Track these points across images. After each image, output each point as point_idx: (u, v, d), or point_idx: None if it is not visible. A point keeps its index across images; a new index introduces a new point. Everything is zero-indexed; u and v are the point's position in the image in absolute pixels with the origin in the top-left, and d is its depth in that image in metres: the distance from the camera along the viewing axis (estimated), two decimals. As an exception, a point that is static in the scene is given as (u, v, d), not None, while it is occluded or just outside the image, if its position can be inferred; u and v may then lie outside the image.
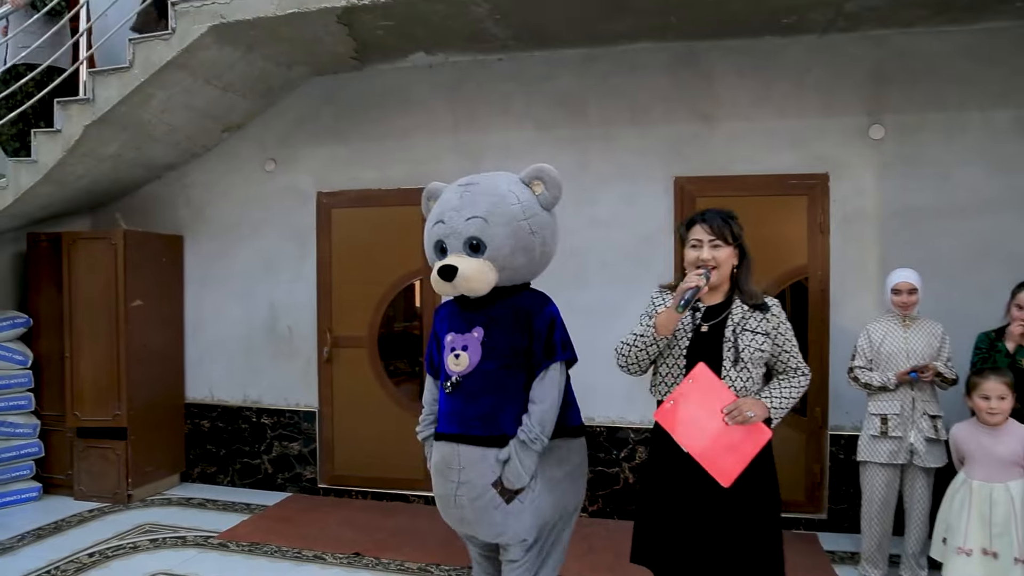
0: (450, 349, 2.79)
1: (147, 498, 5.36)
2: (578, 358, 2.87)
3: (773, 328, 2.56)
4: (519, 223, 2.71)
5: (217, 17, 4.34)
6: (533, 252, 2.77)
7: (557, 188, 2.81)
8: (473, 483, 2.69)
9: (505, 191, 2.75)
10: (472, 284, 2.68)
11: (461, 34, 4.66)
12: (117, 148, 5.02)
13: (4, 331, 5.24)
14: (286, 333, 5.56)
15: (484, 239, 2.68)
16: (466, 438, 2.71)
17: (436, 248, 2.80)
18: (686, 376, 2.53)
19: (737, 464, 2.44)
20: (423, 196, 3.03)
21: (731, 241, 2.58)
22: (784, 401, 2.56)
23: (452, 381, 2.75)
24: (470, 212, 2.70)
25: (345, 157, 5.41)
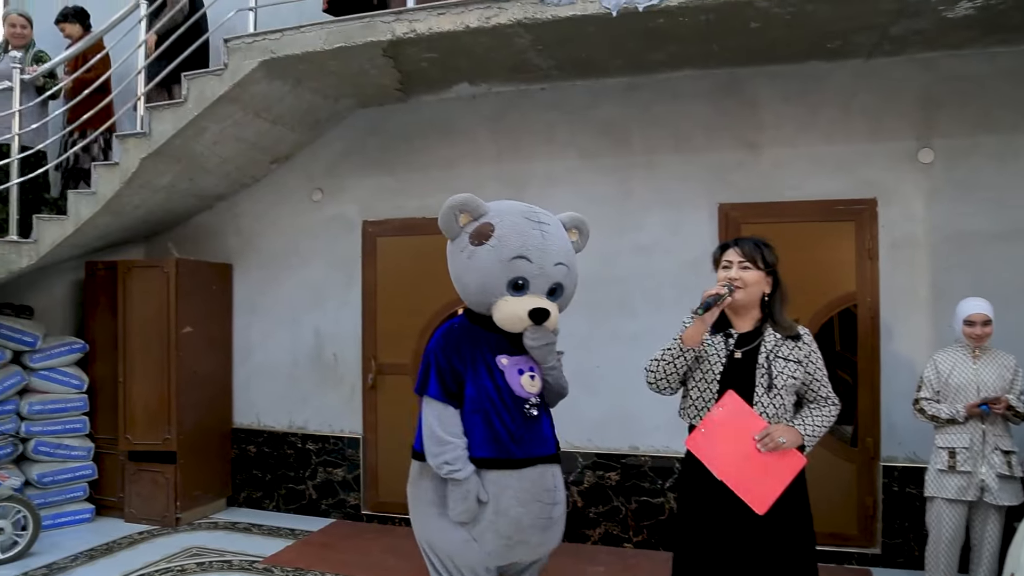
0: (517, 371, 2.75)
1: (194, 522, 5.44)
2: None
3: (805, 356, 2.57)
4: (575, 272, 2.89)
5: (267, 52, 4.48)
6: (573, 290, 2.93)
7: (586, 240, 3.03)
8: (562, 501, 2.84)
9: (566, 238, 2.90)
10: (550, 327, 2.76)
11: (504, 65, 4.73)
12: (171, 179, 5.18)
13: (62, 356, 5.41)
14: (331, 360, 5.63)
15: (565, 286, 2.81)
16: (551, 458, 2.81)
17: (511, 283, 2.70)
18: (716, 403, 2.53)
19: (772, 491, 2.41)
20: (451, 206, 2.81)
21: (761, 266, 2.60)
22: (816, 429, 2.55)
23: (533, 402, 2.77)
24: (556, 257, 2.75)
25: (390, 187, 5.50)
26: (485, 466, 2.68)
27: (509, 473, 2.68)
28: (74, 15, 5.71)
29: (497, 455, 2.68)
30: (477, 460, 2.68)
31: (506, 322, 2.70)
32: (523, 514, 2.67)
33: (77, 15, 5.73)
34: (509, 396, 2.71)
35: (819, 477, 2.68)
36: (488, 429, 2.69)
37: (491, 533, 2.67)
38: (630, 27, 3.99)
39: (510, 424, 2.69)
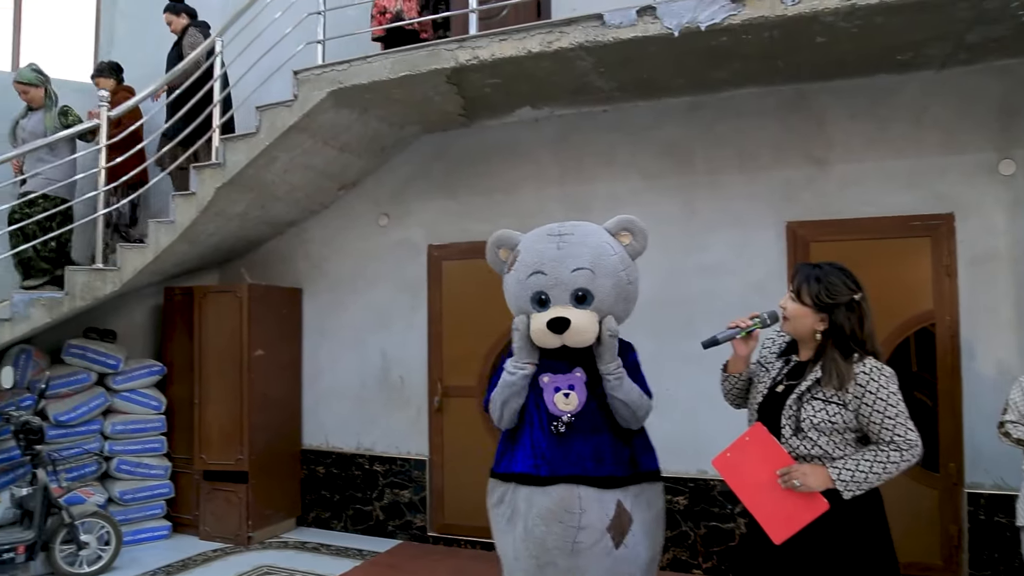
0: (553, 389, 2.77)
1: (265, 540, 5.55)
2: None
3: (854, 398, 2.30)
4: (619, 274, 2.78)
5: (335, 83, 4.61)
6: (630, 301, 2.87)
7: (644, 238, 2.89)
8: (593, 527, 2.64)
9: (601, 242, 2.81)
10: (583, 336, 2.71)
11: (566, 88, 4.76)
12: (244, 207, 5.36)
13: (142, 378, 5.64)
14: (398, 383, 5.70)
15: (592, 290, 2.73)
16: (584, 479, 2.68)
17: (534, 299, 2.79)
18: (745, 432, 2.46)
19: (789, 526, 2.32)
20: (490, 244, 3.03)
21: (807, 301, 2.39)
22: (861, 475, 2.26)
23: (564, 421, 2.73)
24: (575, 263, 2.73)
25: (455, 211, 5.57)
26: (519, 481, 2.77)
27: (536, 490, 2.73)
28: (109, 70, 5.98)
29: (528, 471, 2.75)
30: (514, 475, 2.79)
31: (535, 338, 2.76)
32: (546, 534, 2.67)
33: (112, 69, 5.99)
34: (544, 413, 2.77)
35: (898, 503, 2.55)
36: (526, 445, 2.79)
37: (523, 551, 2.73)
38: (692, 46, 3.98)
39: (540, 441, 2.76)
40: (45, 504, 4.44)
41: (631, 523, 2.70)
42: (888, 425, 2.29)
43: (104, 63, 5.95)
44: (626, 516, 2.71)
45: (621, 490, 2.73)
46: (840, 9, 3.51)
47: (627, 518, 2.71)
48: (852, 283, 2.40)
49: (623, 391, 2.72)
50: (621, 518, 2.69)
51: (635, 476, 2.79)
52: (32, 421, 4.56)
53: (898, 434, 2.28)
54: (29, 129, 5.53)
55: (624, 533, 2.67)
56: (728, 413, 2.76)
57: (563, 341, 2.71)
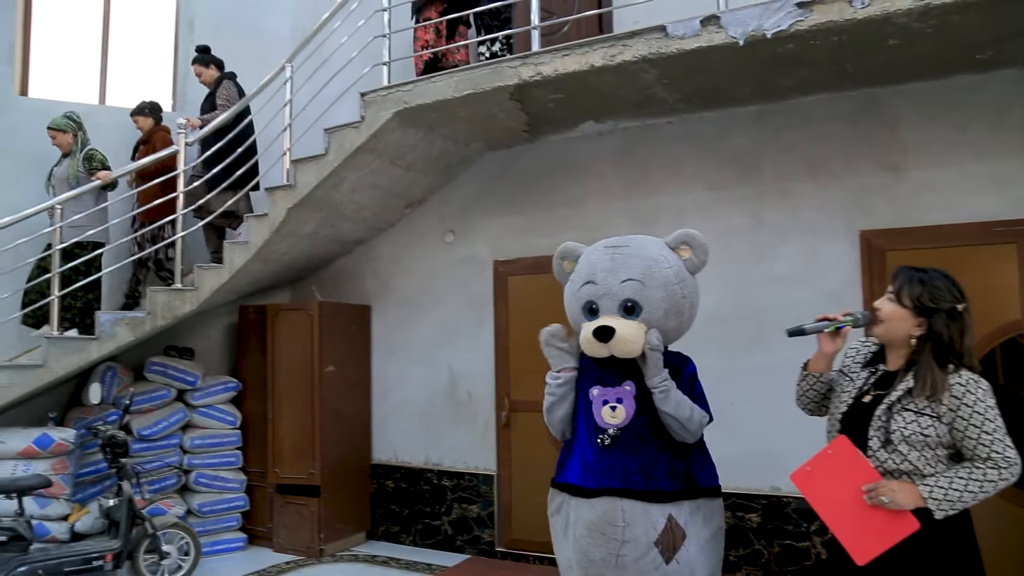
0: (601, 402, 2.77)
1: (337, 553, 5.63)
2: (713, 418, 2.88)
3: (949, 411, 2.18)
4: (672, 287, 2.77)
5: (401, 103, 4.71)
6: (683, 315, 2.84)
7: (704, 253, 2.87)
8: (638, 541, 2.62)
9: (656, 255, 2.80)
10: (629, 346, 2.70)
11: (630, 101, 4.74)
12: (314, 227, 5.50)
13: (219, 394, 5.82)
14: (465, 397, 5.73)
15: (640, 301, 2.73)
16: (629, 492, 2.66)
17: (585, 309, 2.84)
18: (828, 445, 2.35)
19: (874, 546, 2.18)
20: (556, 256, 3.09)
21: (907, 303, 2.30)
22: (955, 493, 2.14)
23: (610, 434, 2.73)
24: (625, 274, 2.75)
25: (520, 226, 5.60)
26: (570, 492, 2.80)
27: (582, 502, 2.73)
28: (149, 109, 6.14)
29: (577, 482, 2.78)
30: (566, 486, 2.82)
31: (584, 347, 2.78)
32: (591, 546, 2.67)
33: (151, 109, 6.15)
34: (593, 426, 2.78)
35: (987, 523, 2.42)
36: (577, 456, 2.82)
37: (574, 561, 2.75)
38: (758, 54, 3.92)
39: (588, 453, 2.77)
40: (130, 515, 4.61)
41: (684, 539, 2.66)
42: (985, 441, 2.16)
43: (144, 103, 6.13)
44: (678, 531, 2.66)
45: (673, 505, 2.68)
46: (913, 9, 3.41)
47: (679, 533, 2.66)
48: (957, 291, 2.30)
49: (670, 405, 2.69)
50: (672, 533, 2.65)
51: (691, 491, 2.75)
52: (118, 435, 4.75)
53: (996, 451, 2.15)
54: (58, 176, 5.66)
55: (675, 549, 2.63)
56: (802, 428, 2.68)
57: (609, 350, 2.72)
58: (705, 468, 2.85)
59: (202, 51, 6.10)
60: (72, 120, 5.68)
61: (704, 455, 2.88)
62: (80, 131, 5.70)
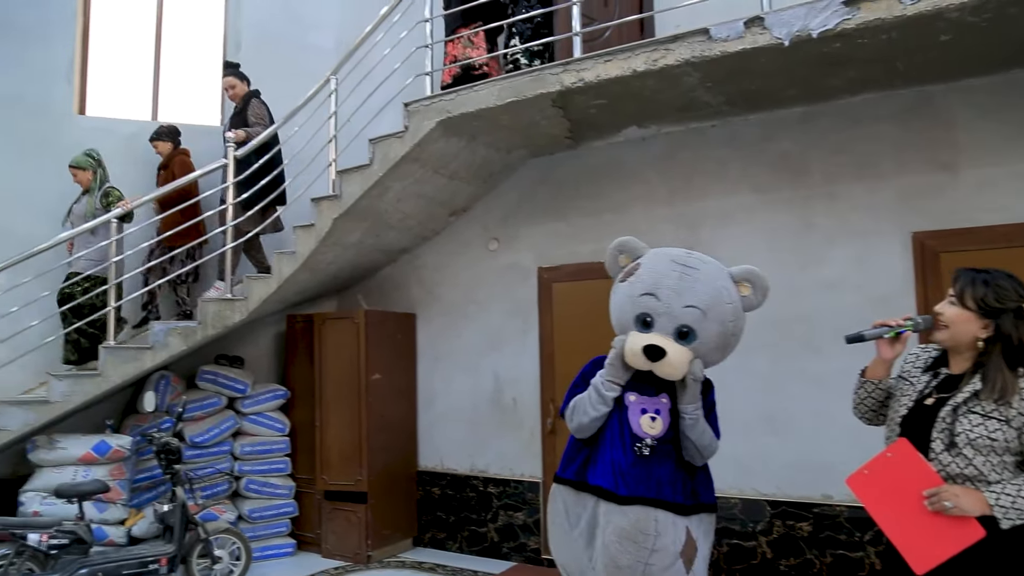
0: (640, 410, 2.76)
1: (384, 560, 5.68)
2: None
3: (1019, 415, 2.10)
4: (727, 323, 2.72)
5: (444, 113, 4.75)
6: (727, 350, 2.80)
7: (763, 295, 2.79)
8: (666, 550, 2.63)
9: (721, 287, 2.73)
10: (674, 371, 2.66)
11: (672, 105, 4.71)
12: (359, 236, 5.57)
13: (268, 402, 5.92)
14: (511, 404, 5.74)
15: (697, 331, 2.67)
16: (662, 503, 2.67)
17: (639, 319, 2.76)
18: (887, 447, 2.27)
19: (936, 555, 2.09)
20: (613, 247, 2.97)
21: (970, 305, 2.22)
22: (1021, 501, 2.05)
23: (647, 444, 2.72)
24: (690, 299, 2.67)
25: (564, 233, 5.59)
26: (599, 495, 2.76)
27: (614, 507, 2.70)
28: (167, 134, 6.27)
29: (608, 487, 2.74)
30: (594, 488, 2.79)
31: (627, 356, 2.73)
32: (620, 552, 2.66)
33: (169, 133, 6.28)
34: (627, 432, 2.75)
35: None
36: (606, 460, 2.77)
37: (599, 563, 2.73)
38: (804, 54, 3.86)
39: (620, 459, 2.73)
40: (183, 520, 4.71)
41: (697, 551, 2.71)
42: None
43: (162, 128, 6.27)
44: (693, 544, 2.71)
45: (688, 518, 2.73)
46: (967, 3, 3.32)
47: (693, 546, 2.71)
48: (1023, 290, 2.22)
49: (696, 432, 2.72)
50: (690, 545, 2.70)
51: (696, 507, 2.79)
52: (171, 442, 4.86)
53: None
54: (77, 212, 5.76)
55: (692, 560, 2.68)
56: (854, 435, 2.62)
57: (652, 368, 2.69)
58: (707, 484, 2.89)
59: (234, 65, 6.21)
60: (92, 158, 5.79)
61: (706, 471, 2.91)
62: (100, 168, 5.80)
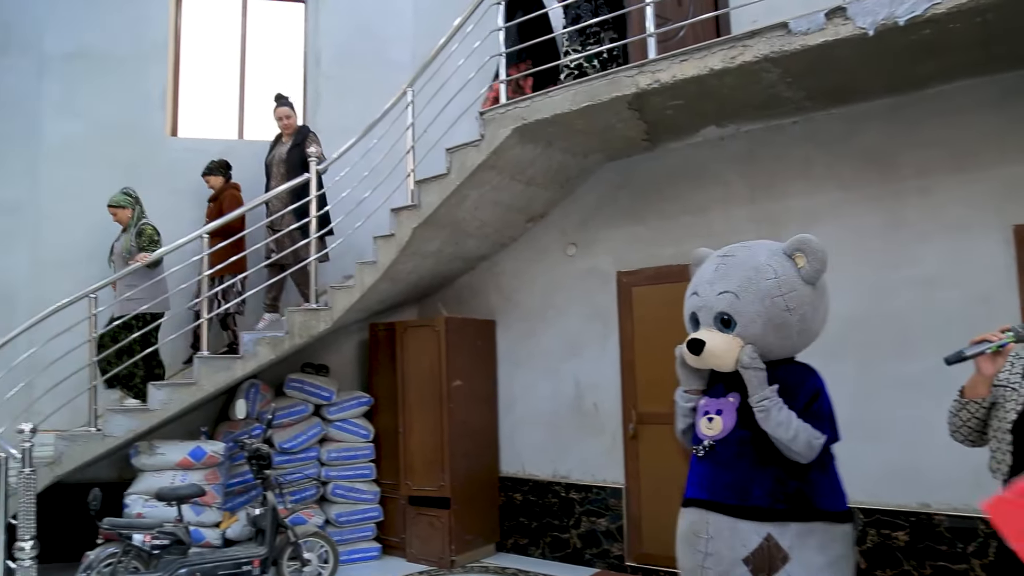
0: (703, 412, 2.72)
1: (467, 564, 5.71)
2: (840, 438, 2.64)
3: None
4: (773, 299, 2.59)
5: (519, 120, 4.77)
6: (788, 329, 2.62)
7: (819, 261, 2.62)
8: (721, 555, 2.54)
9: (762, 264, 2.64)
10: (719, 360, 2.62)
11: (752, 103, 4.61)
12: (438, 245, 5.65)
13: (352, 409, 6.07)
14: (592, 410, 5.70)
15: (734, 315, 2.61)
16: (716, 506, 2.59)
17: (690, 320, 2.79)
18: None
19: None
20: (690, 266, 3.03)
21: None
22: None
23: (705, 445, 2.67)
24: (722, 286, 2.65)
25: (643, 236, 5.54)
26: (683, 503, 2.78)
27: (681, 511, 2.73)
28: (218, 168, 6.45)
29: (685, 493, 2.76)
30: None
31: (688, 361, 2.72)
32: (682, 555, 2.68)
33: (221, 168, 6.46)
34: (695, 436, 2.76)
35: None
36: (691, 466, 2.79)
37: None
38: (890, 44, 3.72)
39: (692, 463, 2.76)
40: (274, 523, 4.85)
41: (786, 562, 2.48)
42: None
43: (214, 162, 6.45)
44: (778, 553, 2.50)
45: (776, 524, 2.51)
46: (1069, -19, 3.15)
47: (779, 555, 2.49)
48: None
49: (770, 425, 2.53)
50: (770, 553, 2.49)
51: (801, 512, 2.54)
52: (262, 448, 5.02)
53: None
54: (117, 251, 5.90)
55: (773, 570, 2.48)
56: (951, 440, 2.47)
57: (703, 364, 2.66)
58: (826, 489, 2.60)
59: (285, 97, 6.35)
60: (129, 196, 5.95)
61: (826, 475, 2.63)
62: (137, 206, 5.96)
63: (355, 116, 6.11)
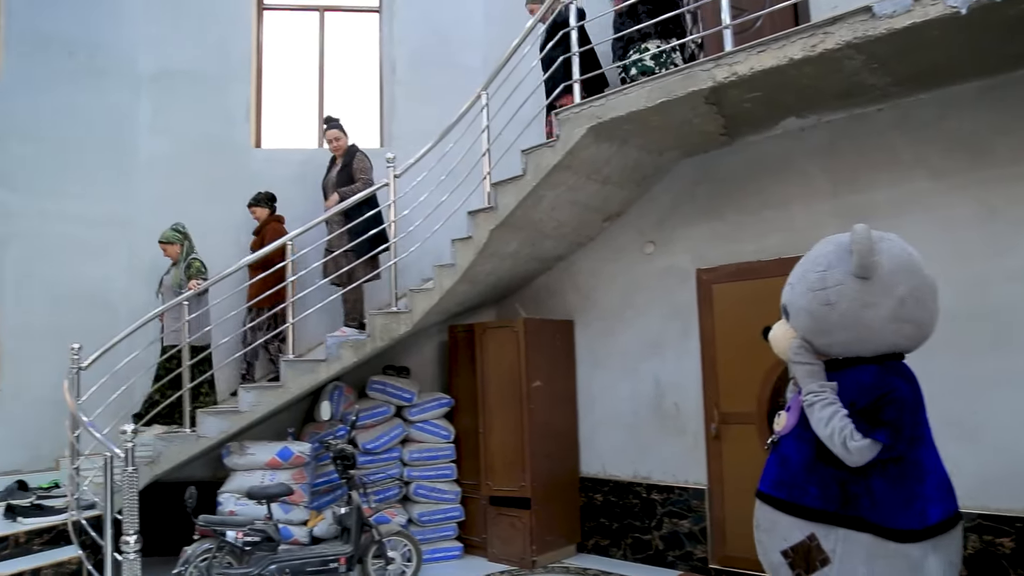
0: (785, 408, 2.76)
1: (548, 565, 5.71)
2: (901, 449, 2.41)
3: None
4: (815, 292, 2.53)
5: (594, 119, 4.76)
6: (827, 324, 2.51)
7: (860, 254, 2.42)
8: (766, 546, 2.64)
9: (820, 255, 2.61)
10: (776, 349, 2.73)
11: (833, 91, 4.48)
12: (516, 246, 5.68)
13: (433, 410, 6.16)
14: (672, 409, 5.63)
15: (788, 305, 2.68)
16: (766, 498, 2.66)
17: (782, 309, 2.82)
18: None
19: None
20: None
21: None
22: None
23: (770, 440, 2.73)
24: (791, 277, 2.70)
25: (722, 232, 5.44)
26: None
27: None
28: (264, 200, 6.58)
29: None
30: None
31: None
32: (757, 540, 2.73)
33: (266, 200, 6.59)
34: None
35: None
36: None
37: None
38: (984, 22, 3.54)
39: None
40: (359, 522, 4.97)
41: (825, 565, 2.44)
42: None
43: (260, 194, 6.59)
44: (818, 553, 2.46)
45: (822, 525, 2.47)
46: None
47: (819, 556, 2.46)
48: None
49: (812, 421, 2.49)
50: (809, 552, 2.48)
51: (853, 520, 2.43)
52: (346, 449, 5.15)
53: None
54: (166, 284, 6.13)
55: (811, 570, 2.47)
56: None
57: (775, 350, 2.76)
58: (886, 501, 2.40)
59: (335, 120, 6.45)
60: (179, 232, 6.15)
61: (891, 487, 2.41)
62: (187, 241, 6.17)
63: (431, 121, 6.20)
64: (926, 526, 2.37)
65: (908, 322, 2.47)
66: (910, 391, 2.45)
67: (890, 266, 2.46)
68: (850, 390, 2.48)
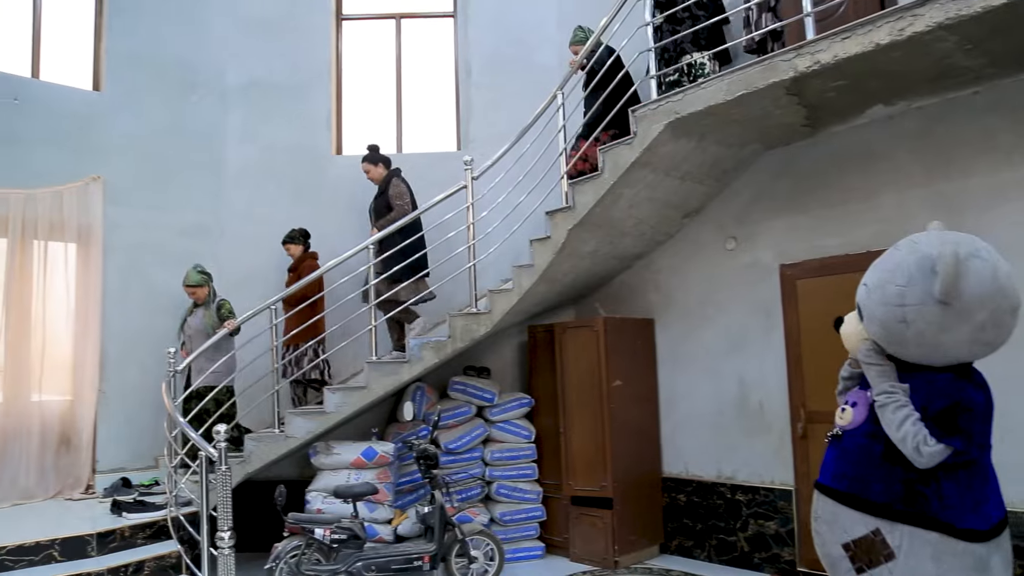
0: (843, 402, 2.76)
1: (631, 565, 5.66)
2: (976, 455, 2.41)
3: None
4: (892, 307, 2.45)
5: (672, 114, 4.70)
6: (902, 338, 2.46)
7: (945, 283, 2.29)
8: (824, 538, 2.64)
9: (902, 265, 2.46)
10: (846, 343, 2.75)
11: (924, 76, 4.30)
12: (594, 245, 5.65)
13: (514, 410, 6.18)
14: (757, 408, 5.50)
15: (863, 307, 2.62)
16: (826, 490, 2.66)
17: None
18: None
19: None
20: None
21: None
22: None
23: (832, 433, 2.72)
24: (865, 278, 2.64)
25: (806, 226, 5.28)
26: None
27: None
28: (299, 236, 6.60)
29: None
30: None
31: None
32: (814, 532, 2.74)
33: (301, 236, 6.61)
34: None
35: None
36: None
37: None
38: (1090, -3, 3.34)
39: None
40: (442, 521, 5.03)
41: (889, 560, 2.44)
42: None
43: (295, 231, 6.61)
44: (882, 549, 2.46)
45: (887, 521, 2.47)
46: None
47: (883, 551, 2.46)
48: None
49: (884, 422, 2.48)
50: (872, 547, 2.48)
51: (919, 518, 2.42)
52: (429, 449, 5.23)
53: None
54: (194, 326, 6.07)
55: (873, 564, 2.47)
56: None
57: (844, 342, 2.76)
58: (954, 501, 2.40)
59: (372, 150, 6.47)
60: (204, 274, 6.16)
61: (961, 490, 2.41)
62: (211, 282, 6.21)
63: (507, 122, 6.25)
64: (991, 526, 2.44)
65: (984, 344, 2.43)
66: (983, 399, 2.44)
67: (975, 291, 2.32)
68: (922, 393, 2.45)
